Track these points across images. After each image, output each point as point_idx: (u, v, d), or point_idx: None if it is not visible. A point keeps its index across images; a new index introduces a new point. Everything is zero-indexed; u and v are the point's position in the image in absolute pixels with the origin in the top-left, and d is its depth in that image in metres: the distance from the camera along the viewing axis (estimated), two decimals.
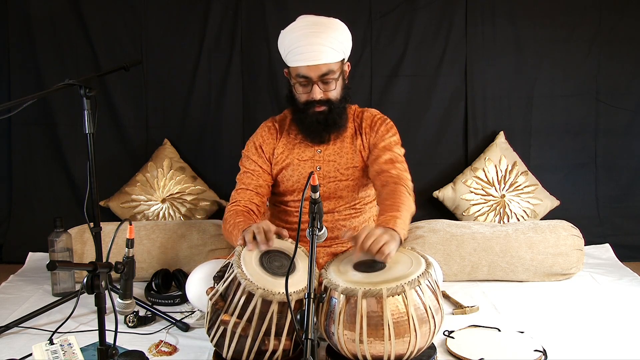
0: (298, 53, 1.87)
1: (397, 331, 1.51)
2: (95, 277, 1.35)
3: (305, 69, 1.87)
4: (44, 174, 2.98)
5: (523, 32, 2.92)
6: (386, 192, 1.84)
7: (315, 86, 1.89)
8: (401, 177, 1.90)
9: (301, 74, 1.89)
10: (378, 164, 1.95)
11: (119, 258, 1.63)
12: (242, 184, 2.03)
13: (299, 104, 1.96)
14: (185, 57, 2.93)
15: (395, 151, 1.98)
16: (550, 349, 1.77)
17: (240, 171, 2.06)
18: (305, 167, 2.02)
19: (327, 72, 1.88)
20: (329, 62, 1.87)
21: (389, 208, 1.75)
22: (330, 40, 1.87)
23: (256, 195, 2.00)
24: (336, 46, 1.89)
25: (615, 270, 2.62)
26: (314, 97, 1.89)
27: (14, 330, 1.97)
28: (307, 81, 1.89)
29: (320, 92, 1.90)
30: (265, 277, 1.58)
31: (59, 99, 2.90)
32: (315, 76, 1.88)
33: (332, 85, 1.91)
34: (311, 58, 1.85)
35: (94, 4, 2.88)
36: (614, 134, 2.99)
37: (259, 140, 2.07)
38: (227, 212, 1.97)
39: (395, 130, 2.05)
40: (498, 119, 2.98)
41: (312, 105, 1.92)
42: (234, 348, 1.57)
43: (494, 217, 2.83)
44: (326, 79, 1.89)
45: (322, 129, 1.96)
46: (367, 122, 2.05)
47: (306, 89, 1.91)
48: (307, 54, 1.85)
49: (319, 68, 1.87)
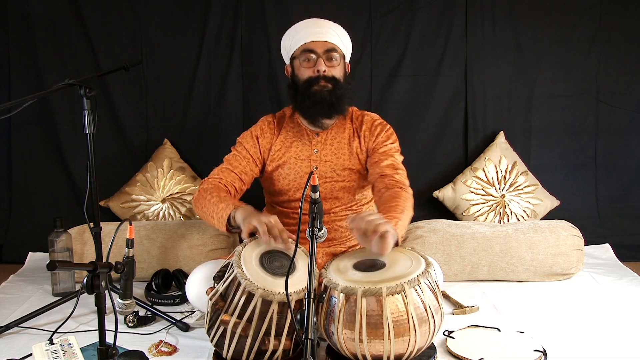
0: (306, 32, 1.98)
1: (396, 330, 1.51)
2: (95, 277, 1.35)
3: (312, 43, 1.96)
4: (44, 174, 2.98)
5: (523, 32, 2.92)
6: (389, 194, 1.84)
7: (320, 59, 1.96)
8: (404, 183, 1.91)
9: (308, 48, 1.97)
10: (380, 168, 1.96)
11: (119, 258, 1.63)
12: (228, 164, 2.04)
13: (302, 84, 1.98)
14: (185, 58, 2.93)
15: (395, 158, 2.00)
16: (550, 349, 1.77)
17: (229, 153, 2.07)
18: (301, 167, 2.03)
19: (332, 49, 1.97)
20: (334, 42, 1.98)
21: (392, 209, 1.75)
22: (335, 28, 2.01)
23: (239, 180, 2.02)
24: (341, 36, 2.01)
25: (615, 270, 2.62)
26: (319, 67, 1.95)
27: (14, 330, 1.97)
28: (313, 56, 1.96)
29: (324, 65, 1.96)
30: (265, 277, 1.58)
31: (59, 99, 2.90)
32: (321, 50, 1.96)
33: (336, 62, 1.99)
34: (318, 33, 1.97)
35: (94, 4, 2.88)
36: (614, 134, 2.99)
37: (258, 131, 2.08)
38: (208, 183, 1.97)
39: (395, 138, 2.07)
40: (498, 119, 2.98)
41: (317, 81, 1.95)
42: (234, 348, 1.57)
43: (494, 217, 2.83)
44: (331, 55, 1.97)
45: (327, 105, 1.97)
46: (367, 125, 2.06)
47: (310, 64, 1.97)
48: (315, 29, 1.98)
49: (325, 43, 1.97)
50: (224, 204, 1.80)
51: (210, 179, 1.99)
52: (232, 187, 1.99)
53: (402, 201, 1.79)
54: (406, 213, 1.76)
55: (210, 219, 1.85)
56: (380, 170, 1.95)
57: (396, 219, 1.69)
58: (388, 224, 1.57)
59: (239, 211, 1.74)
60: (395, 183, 1.89)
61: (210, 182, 1.97)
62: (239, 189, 2.02)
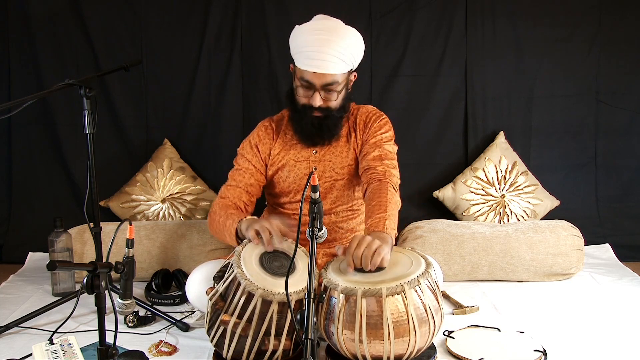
0: (307, 57, 1.85)
1: (396, 331, 1.51)
2: (95, 277, 1.35)
3: (311, 75, 1.86)
4: (44, 174, 2.98)
5: (523, 32, 2.92)
6: (370, 190, 1.84)
7: (316, 93, 1.88)
8: (386, 173, 1.88)
9: (305, 78, 1.88)
10: (366, 161, 1.95)
11: (119, 258, 1.63)
12: (233, 180, 2.05)
13: (297, 105, 1.96)
14: (185, 57, 2.93)
15: (385, 148, 1.96)
16: (550, 349, 1.77)
17: (233, 168, 2.08)
18: (301, 168, 2.03)
19: (331, 83, 1.88)
20: (335, 73, 1.87)
21: (376, 209, 1.74)
22: (341, 50, 1.85)
23: (245, 193, 2.02)
24: (346, 57, 1.87)
25: (615, 270, 2.61)
26: (314, 104, 1.89)
27: (14, 330, 1.97)
28: (310, 86, 1.89)
29: (320, 100, 1.89)
30: (265, 277, 1.58)
31: (59, 99, 2.90)
32: (318, 84, 1.88)
33: (334, 96, 1.91)
34: (318, 66, 1.84)
35: (94, 4, 2.87)
36: (614, 134, 2.99)
37: (255, 139, 2.07)
38: (216, 205, 1.99)
39: (390, 127, 2.04)
40: (498, 119, 2.98)
41: (310, 110, 1.92)
42: (234, 348, 1.57)
43: (494, 217, 2.83)
44: (329, 88, 1.89)
45: (316, 133, 1.96)
46: (362, 118, 2.05)
47: (307, 93, 1.91)
48: (315, 60, 1.84)
49: (324, 77, 1.86)
50: (230, 220, 1.84)
51: (218, 201, 2.01)
52: (240, 202, 2.00)
53: (384, 196, 1.77)
54: (390, 207, 1.74)
55: (224, 237, 1.90)
56: (366, 164, 1.94)
57: (383, 220, 1.69)
58: (383, 242, 1.59)
59: (242, 223, 1.79)
60: (377, 175, 1.87)
61: (218, 204, 1.99)
62: (248, 201, 2.03)
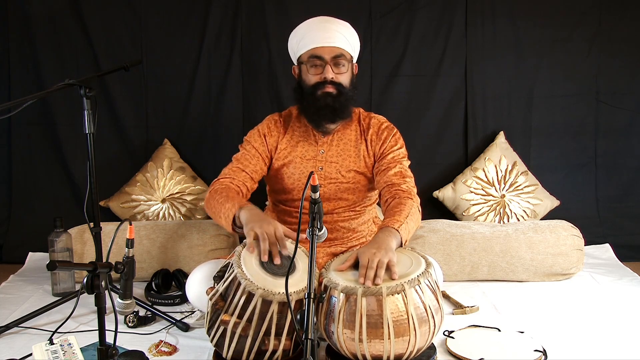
0: (313, 36, 1.94)
1: (396, 330, 1.51)
2: (95, 277, 1.35)
3: (320, 49, 1.93)
4: (44, 174, 2.98)
5: (523, 32, 2.92)
6: (395, 202, 1.85)
7: (328, 66, 1.93)
8: (412, 192, 1.91)
9: (315, 54, 1.94)
10: (388, 176, 1.95)
11: (119, 258, 1.63)
12: (239, 163, 2.02)
13: (308, 88, 1.97)
14: (185, 57, 2.93)
15: (403, 164, 2.00)
16: (550, 349, 1.77)
17: (237, 152, 2.06)
18: (307, 167, 2.02)
19: (340, 55, 1.94)
20: (343, 47, 1.95)
21: (396, 214, 1.78)
22: (343, 32, 1.96)
23: (250, 179, 2.00)
24: (349, 38, 1.97)
25: (615, 270, 2.62)
26: (326, 75, 1.93)
27: (14, 330, 1.97)
28: (320, 62, 1.93)
29: (332, 73, 1.94)
30: (265, 277, 1.58)
31: (59, 99, 2.90)
32: (328, 57, 1.93)
33: (344, 68, 1.96)
34: (326, 38, 1.93)
35: (94, 4, 2.87)
36: (614, 134, 2.99)
37: (264, 129, 2.07)
38: (219, 183, 1.96)
39: (403, 142, 2.06)
40: (498, 119, 2.98)
41: (322, 86, 1.94)
42: (234, 348, 1.57)
43: (494, 217, 2.83)
44: (338, 60, 1.95)
45: (330, 111, 1.96)
46: (374, 129, 2.05)
47: (317, 70, 1.95)
48: (322, 34, 1.94)
49: (332, 49, 1.93)
50: (230, 203, 1.80)
51: (221, 179, 1.98)
52: (243, 186, 1.98)
53: (407, 207, 1.81)
54: (410, 217, 1.78)
55: (218, 218, 1.86)
56: (387, 179, 1.95)
57: (399, 222, 1.73)
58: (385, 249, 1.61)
59: (243, 211, 1.75)
60: (403, 193, 1.89)
61: (222, 183, 1.96)
62: (250, 188, 2.01)
